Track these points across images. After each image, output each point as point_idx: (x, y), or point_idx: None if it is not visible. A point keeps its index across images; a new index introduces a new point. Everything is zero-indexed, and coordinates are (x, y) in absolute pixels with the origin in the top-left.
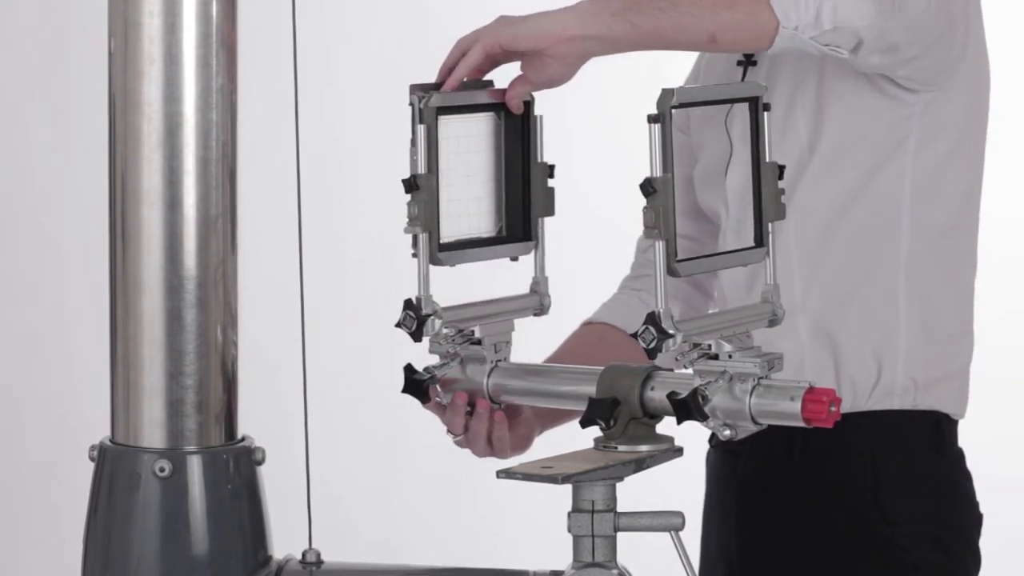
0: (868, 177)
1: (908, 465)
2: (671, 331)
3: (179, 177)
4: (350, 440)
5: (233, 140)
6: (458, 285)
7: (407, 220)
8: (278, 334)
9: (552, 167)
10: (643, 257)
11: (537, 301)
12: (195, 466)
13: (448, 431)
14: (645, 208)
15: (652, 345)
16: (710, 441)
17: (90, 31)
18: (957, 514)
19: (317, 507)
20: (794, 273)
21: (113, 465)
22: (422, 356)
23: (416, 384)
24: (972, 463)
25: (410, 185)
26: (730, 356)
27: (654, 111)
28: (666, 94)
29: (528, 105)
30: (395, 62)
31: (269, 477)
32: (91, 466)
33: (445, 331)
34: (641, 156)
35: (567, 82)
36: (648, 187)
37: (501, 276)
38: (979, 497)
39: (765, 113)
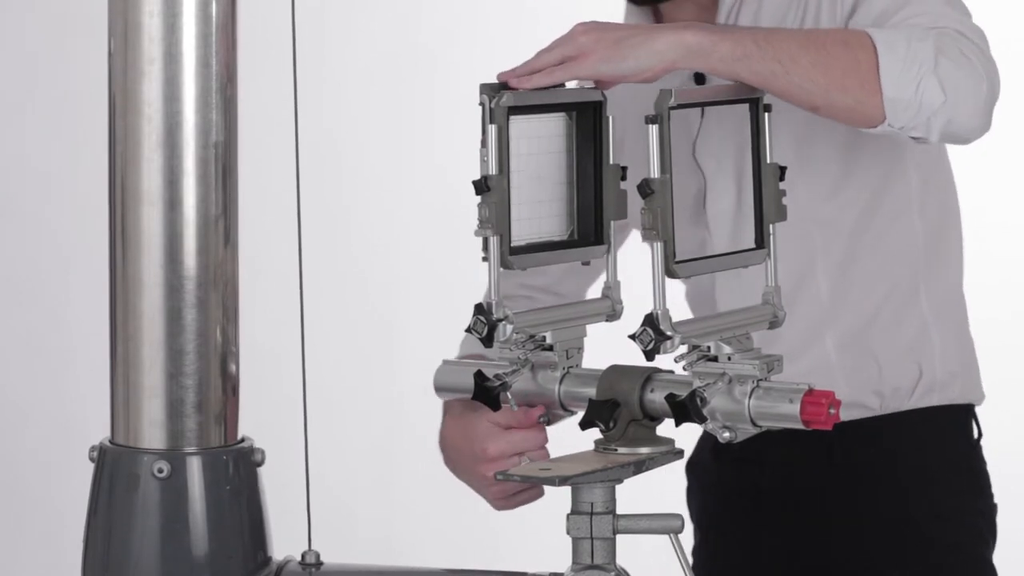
0: (883, 182)
1: (951, 459)
2: (669, 333)
3: (179, 177)
4: (350, 440)
5: (233, 140)
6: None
7: (477, 222)
8: (278, 334)
9: (624, 169)
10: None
11: (609, 306)
12: (194, 467)
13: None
14: (643, 209)
15: (650, 347)
16: (715, 454)
17: (90, 31)
18: (987, 504)
19: (317, 508)
20: (821, 288)
21: (113, 466)
22: (419, 355)
23: (487, 392)
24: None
25: (481, 187)
26: (729, 358)
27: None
28: (664, 95)
29: (600, 106)
30: (395, 62)
31: (269, 478)
32: (91, 467)
33: (516, 336)
34: None
35: None
36: (646, 188)
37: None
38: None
39: (766, 114)
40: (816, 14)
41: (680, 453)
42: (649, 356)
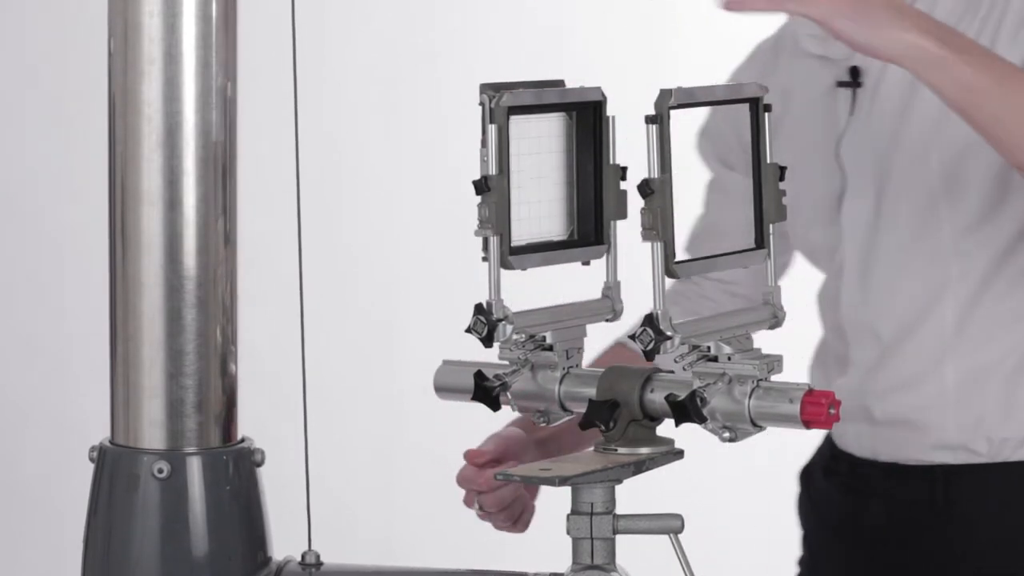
0: None
1: None
2: (669, 333)
3: (179, 177)
4: (350, 440)
5: (233, 140)
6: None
7: (477, 222)
8: (278, 334)
9: (624, 169)
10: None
11: (609, 306)
12: (194, 467)
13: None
14: (643, 209)
15: (650, 347)
16: (825, 472)
17: (90, 31)
18: None
19: (317, 508)
20: (947, 321)
21: (112, 466)
22: (419, 355)
23: (486, 392)
24: None
25: (481, 187)
26: (729, 358)
27: (652, 112)
28: (664, 94)
29: (600, 106)
30: (395, 62)
31: (269, 478)
32: (91, 467)
33: (516, 337)
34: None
35: None
36: (646, 188)
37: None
38: None
39: (766, 114)
40: (992, 38)
41: (680, 453)
42: (649, 356)
